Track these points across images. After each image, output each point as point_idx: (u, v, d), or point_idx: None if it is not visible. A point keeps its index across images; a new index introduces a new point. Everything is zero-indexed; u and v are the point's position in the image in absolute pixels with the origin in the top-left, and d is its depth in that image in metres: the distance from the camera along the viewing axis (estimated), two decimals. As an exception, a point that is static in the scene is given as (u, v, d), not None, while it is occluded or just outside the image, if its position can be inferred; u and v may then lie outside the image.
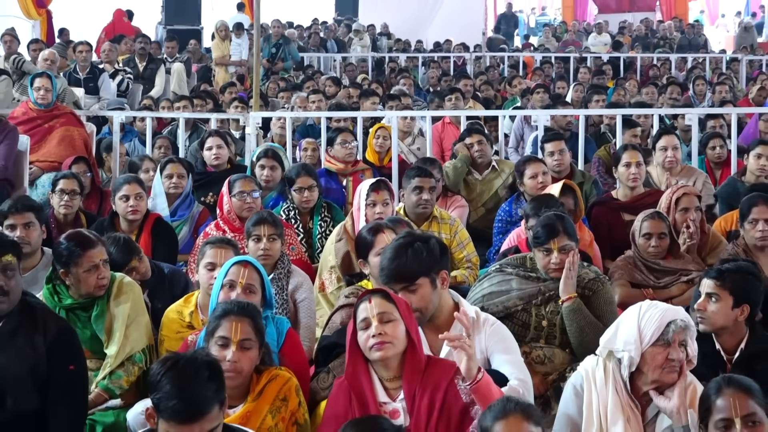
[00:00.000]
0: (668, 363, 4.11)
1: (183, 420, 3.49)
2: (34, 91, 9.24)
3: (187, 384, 3.52)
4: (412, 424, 4.20)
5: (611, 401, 4.18)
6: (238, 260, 5.09)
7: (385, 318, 4.22)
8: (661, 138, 8.36)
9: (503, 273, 5.52)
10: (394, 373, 4.29)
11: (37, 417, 4.55)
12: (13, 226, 6.06)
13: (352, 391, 4.29)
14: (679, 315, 4.21)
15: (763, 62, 19.80)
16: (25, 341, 4.57)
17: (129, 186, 6.95)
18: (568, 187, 6.80)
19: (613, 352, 4.24)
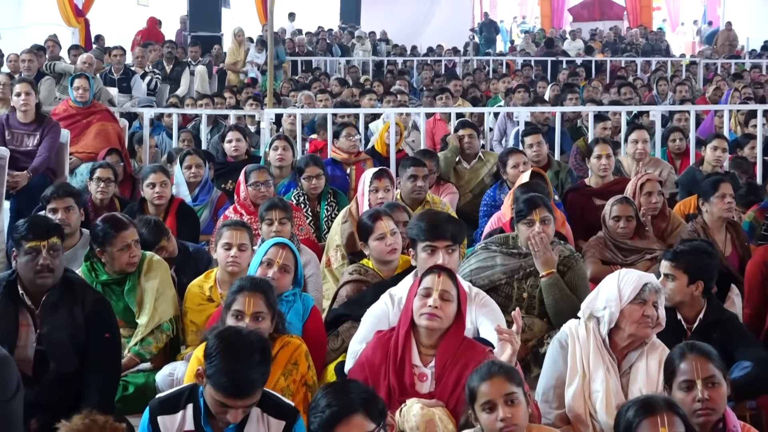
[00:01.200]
0: (643, 319, 4.15)
1: (230, 396, 3.51)
2: (73, 91, 9.22)
3: (239, 366, 3.52)
4: (437, 391, 4.19)
5: (592, 352, 4.23)
6: (276, 242, 5.09)
7: (445, 296, 4.20)
8: (633, 132, 8.44)
9: (488, 251, 5.53)
10: (432, 342, 4.26)
11: (77, 378, 4.56)
12: (55, 209, 6.07)
13: (393, 343, 4.28)
14: (653, 279, 4.28)
15: (718, 65, 19.76)
16: (66, 312, 4.59)
17: (155, 174, 6.96)
18: (537, 173, 6.80)
19: (594, 313, 4.27)
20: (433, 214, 5.32)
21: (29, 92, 8.19)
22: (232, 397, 3.51)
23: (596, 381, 4.19)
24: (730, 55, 22.36)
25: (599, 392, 4.16)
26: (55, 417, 4.33)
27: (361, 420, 3.01)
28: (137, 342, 5.27)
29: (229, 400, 3.51)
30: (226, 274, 5.34)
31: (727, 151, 8.40)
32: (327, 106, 11.70)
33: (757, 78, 17.16)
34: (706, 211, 6.41)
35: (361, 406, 3.03)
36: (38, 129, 8.15)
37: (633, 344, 4.24)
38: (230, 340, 3.60)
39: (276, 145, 8.18)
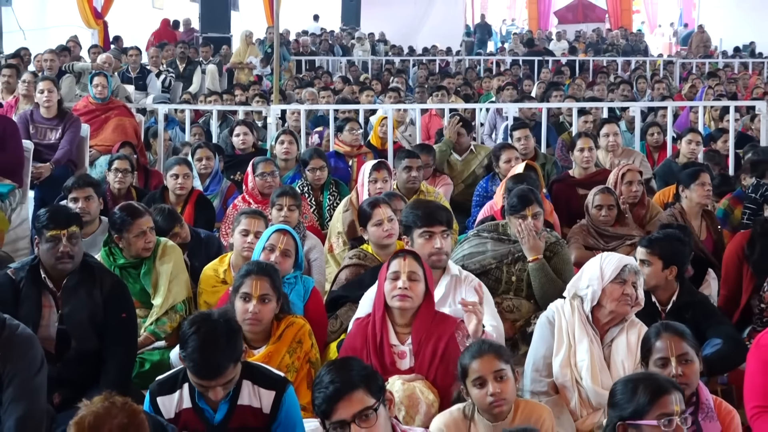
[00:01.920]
0: (623, 297, 4.19)
1: (202, 378, 3.52)
2: (93, 88, 9.24)
3: (207, 351, 3.51)
4: (416, 365, 4.21)
5: (577, 327, 4.26)
6: (278, 228, 5.09)
7: (413, 276, 4.21)
8: (604, 126, 8.46)
9: (480, 237, 5.53)
10: (406, 321, 4.28)
11: (96, 355, 4.58)
12: (76, 198, 6.08)
13: (369, 331, 4.29)
14: (633, 262, 4.32)
15: (693, 65, 19.75)
16: (85, 294, 4.60)
17: (179, 167, 6.99)
18: (530, 166, 6.80)
19: (578, 292, 4.30)
20: (427, 203, 5.35)
21: (51, 89, 8.19)
22: (204, 378, 3.52)
23: (581, 351, 4.21)
24: (704, 55, 22.36)
25: (584, 361, 4.19)
26: (76, 392, 4.39)
27: (362, 395, 3.01)
28: (152, 322, 5.29)
29: (203, 381, 3.53)
30: (241, 259, 5.35)
31: (701, 144, 8.44)
32: (329, 102, 11.70)
33: (730, 76, 17.16)
34: (685, 197, 6.42)
35: (362, 383, 3.04)
36: (60, 123, 8.16)
37: (613, 320, 4.26)
38: (198, 327, 3.58)
39: (282, 139, 8.20)
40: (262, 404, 3.67)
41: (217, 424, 3.64)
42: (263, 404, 3.67)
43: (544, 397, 4.19)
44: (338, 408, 3.00)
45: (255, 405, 3.67)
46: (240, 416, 3.66)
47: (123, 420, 2.77)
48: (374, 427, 3.00)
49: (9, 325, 3.98)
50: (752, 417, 4.05)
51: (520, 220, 5.28)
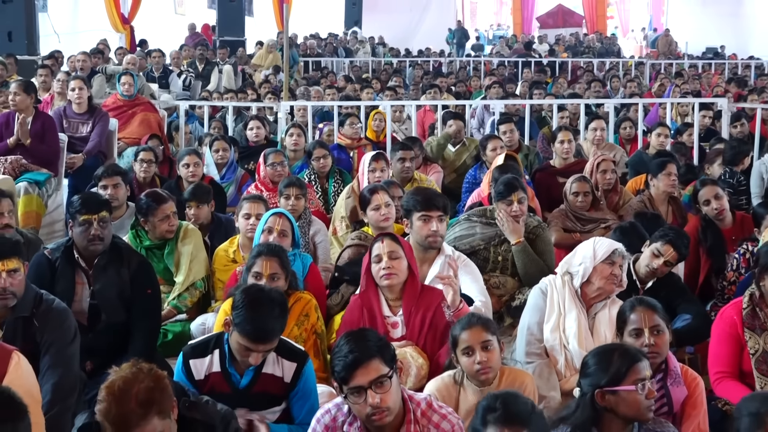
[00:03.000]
0: (611, 276, 4.19)
1: (253, 341, 3.50)
2: (120, 86, 9.25)
3: (262, 317, 3.52)
4: (407, 333, 4.23)
5: (567, 298, 4.26)
6: (275, 212, 5.09)
7: (393, 255, 4.23)
8: (593, 121, 8.57)
9: (470, 221, 5.53)
10: (396, 295, 4.30)
11: (124, 327, 4.58)
12: (105, 186, 6.07)
13: (364, 306, 4.31)
14: (622, 247, 4.30)
15: (662, 65, 19.71)
16: (114, 272, 4.60)
17: (189, 157, 6.99)
18: (511, 156, 6.81)
19: (570, 268, 4.30)
20: (426, 190, 5.34)
21: (82, 87, 8.17)
22: (255, 342, 3.50)
23: (570, 319, 4.21)
24: (672, 57, 22.33)
25: (572, 328, 4.18)
26: (106, 360, 4.40)
27: (377, 364, 3.00)
28: (175, 297, 5.31)
29: (252, 344, 3.51)
30: (246, 239, 5.37)
31: (669, 137, 8.46)
32: (334, 99, 11.67)
33: (695, 75, 17.14)
34: (653, 185, 6.46)
35: (377, 353, 3.03)
36: (90, 118, 8.14)
37: (599, 297, 4.25)
38: (255, 295, 3.60)
39: (291, 132, 8.23)
40: (284, 374, 3.67)
41: (242, 389, 3.65)
42: (285, 374, 3.67)
43: (537, 359, 4.20)
44: (356, 375, 2.99)
45: (277, 374, 3.67)
46: (263, 383, 3.66)
47: (149, 384, 2.77)
48: (388, 393, 2.99)
49: (45, 299, 4.01)
50: (715, 382, 4.08)
51: (507, 206, 5.29)
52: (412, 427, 3.08)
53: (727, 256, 5.51)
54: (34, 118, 7.31)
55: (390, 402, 3.01)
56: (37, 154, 7.19)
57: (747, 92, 13.74)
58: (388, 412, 3.01)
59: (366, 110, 9.83)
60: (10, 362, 3.38)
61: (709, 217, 5.80)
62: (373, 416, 3.00)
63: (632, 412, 3.06)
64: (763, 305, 4.11)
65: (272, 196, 6.55)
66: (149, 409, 2.74)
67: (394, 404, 3.03)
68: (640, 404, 3.04)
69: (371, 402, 2.98)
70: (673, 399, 3.56)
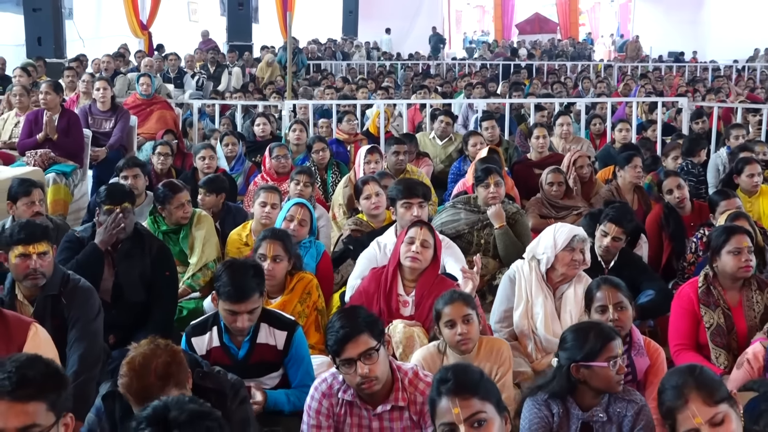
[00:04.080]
0: (572, 262, 4.19)
1: (234, 301, 3.51)
2: (139, 86, 9.25)
3: (237, 277, 3.53)
4: (417, 314, 4.22)
5: (534, 284, 4.26)
6: (296, 201, 5.11)
7: (425, 244, 4.24)
8: (560, 117, 8.49)
9: (455, 208, 5.55)
10: (413, 278, 4.29)
11: (144, 305, 4.60)
12: (126, 176, 6.08)
13: (383, 279, 4.31)
14: (581, 232, 4.30)
15: (628, 68, 19.69)
16: (136, 256, 4.62)
17: (204, 150, 7.01)
18: (493, 149, 6.82)
19: (536, 255, 4.30)
20: (407, 180, 5.36)
21: (106, 87, 8.17)
22: (236, 301, 3.51)
23: (537, 305, 4.22)
24: (637, 60, 22.30)
25: (539, 314, 4.19)
26: (127, 334, 4.41)
27: (366, 338, 3.00)
28: (189, 277, 5.29)
29: (234, 305, 3.51)
30: (260, 225, 5.33)
31: (630, 131, 8.51)
32: (332, 98, 11.64)
33: (658, 77, 17.14)
34: (621, 176, 6.48)
35: (366, 328, 3.03)
36: (113, 115, 8.13)
37: (564, 280, 4.26)
38: (232, 264, 3.66)
39: (294, 128, 8.22)
40: (277, 342, 3.67)
41: (240, 359, 3.64)
42: (278, 342, 3.67)
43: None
44: (347, 348, 2.99)
45: (271, 343, 3.66)
46: (259, 352, 3.66)
47: (166, 359, 2.77)
48: (376, 364, 3.00)
49: (72, 279, 4.01)
50: (674, 353, 4.09)
51: (485, 188, 5.34)
52: (400, 393, 3.09)
53: (686, 240, 5.53)
54: (61, 115, 7.31)
55: (378, 372, 3.01)
56: (63, 147, 7.18)
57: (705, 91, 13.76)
58: (376, 381, 3.02)
59: (361, 108, 9.82)
60: (29, 332, 3.38)
61: (671, 204, 5.82)
62: (363, 385, 3.01)
63: (603, 385, 3.07)
64: (716, 284, 4.12)
65: (277, 185, 6.53)
66: (167, 382, 2.74)
67: (381, 374, 3.03)
68: (611, 379, 3.04)
69: (360, 372, 2.98)
70: (637, 368, 3.57)
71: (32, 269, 3.83)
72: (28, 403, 2.21)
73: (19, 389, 2.21)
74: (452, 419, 2.34)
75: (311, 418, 3.15)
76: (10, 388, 2.21)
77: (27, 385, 2.22)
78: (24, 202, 5.01)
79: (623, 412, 3.08)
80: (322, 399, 3.15)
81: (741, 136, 8.15)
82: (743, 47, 22.36)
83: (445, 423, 2.36)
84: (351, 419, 3.14)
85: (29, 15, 12.52)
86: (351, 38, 24.62)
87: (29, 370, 2.25)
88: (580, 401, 3.12)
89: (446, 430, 2.36)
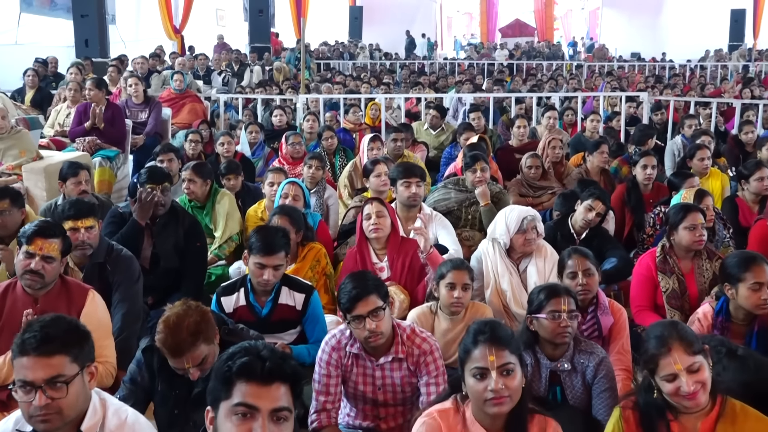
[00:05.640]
0: (526, 242, 4.17)
1: (263, 254, 3.55)
2: (173, 82, 9.25)
3: (267, 236, 3.61)
4: (392, 275, 4.23)
5: (499, 263, 4.21)
6: (289, 181, 5.12)
7: (380, 214, 4.24)
8: (548, 111, 8.45)
9: (446, 188, 5.52)
10: (382, 245, 4.30)
11: (178, 271, 4.60)
12: (162, 160, 6.10)
13: (358, 255, 4.31)
14: (530, 212, 4.25)
15: (596, 67, 19.56)
16: (171, 229, 4.63)
17: (224, 137, 7.03)
18: (482, 137, 6.78)
19: (497, 238, 4.27)
20: (406, 163, 5.35)
21: (137, 83, 8.15)
22: (265, 254, 3.54)
23: (504, 283, 4.18)
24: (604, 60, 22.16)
25: (507, 291, 4.15)
26: (164, 296, 4.42)
27: (374, 298, 3.00)
28: (216, 247, 5.30)
29: (263, 258, 3.54)
30: (270, 202, 5.37)
31: (600, 122, 8.45)
32: (340, 93, 11.60)
33: (622, 75, 17.03)
34: (590, 161, 6.46)
35: (374, 289, 3.02)
36: (147, 107, 8.10)
37: (524, 255, 4.24)
38: (262, 226, 3.78)
39: (307, 119, 8.17)
40: (296, 303, 3.68)
41: (263, 317, 3.65)
42: (296, 303, 3.68)
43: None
44: (357, 306, 2.98)
45: (290, 304, 3.68)
46: (280, 311, 3.67)
47: (197, 318, 2.78)
48: (382, 321, 3.00)
49: (116, 249, 4.02)
50: (635, 313, 4.10)
51: (473, 173, 5.30)
52: (399, 347, 3.09)
53: (646, 215, 5.52)
54: (106, 107, 7.27)
55: (383, 328, 3.01)
56: (108, 135, 7.17)
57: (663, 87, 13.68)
58: (381, 336, 3.02)
59: (365, 102, 9.79)
60: (87, 298, 3.39)
61: (634, 183, 5.79)
62: (370, 339, 3.01)
63: (548, 335, 3.06)
64: (672, 254, 4.12)
65: (292, 168, 6.57)
66: (197, 338, 2.75)
67: (386, 330, 3.03)
68: (554, 331, 3.04)
69: (369, 327, 2.98)
70: (602, 325, 3.57)
71: (80, 241, 3.83)
72: (53, 357, 2.20)
73: (43, 345, 2.20)
74: (486, 365, 2.33)
75: (322, 368, 3.15)
76: (35, 345, 2.20)
77: (50, 342, 2.21)
78: (72, 182, 5.00)
79: (586, 363, 3.08)
80: (331, 352, 3.15)
81: (693, 125, 8.13)
82: (696, 49, 22.24)
83: (478, 367, 2.35)
84: (357, 369, 3.14)
85: (78, 20, 12.48)
86: (356, 41, 24.47)
87: (52, 329, 2.24)
88: (546, 352, 3.12)
89: (477, 373, 2.35)
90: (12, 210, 4.30)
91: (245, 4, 20.11)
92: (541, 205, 5.96)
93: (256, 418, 1.83)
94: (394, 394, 3.14)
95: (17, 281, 3.37)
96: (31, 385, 2.18)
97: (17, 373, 2.21)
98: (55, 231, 3.38)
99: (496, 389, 2.29)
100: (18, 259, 3.32)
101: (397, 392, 3.13)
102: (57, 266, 3.34)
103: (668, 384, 2.39)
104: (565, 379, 3.10)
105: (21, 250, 3.31)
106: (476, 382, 2.34)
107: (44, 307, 3.25)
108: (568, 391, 3.11)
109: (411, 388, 3.11)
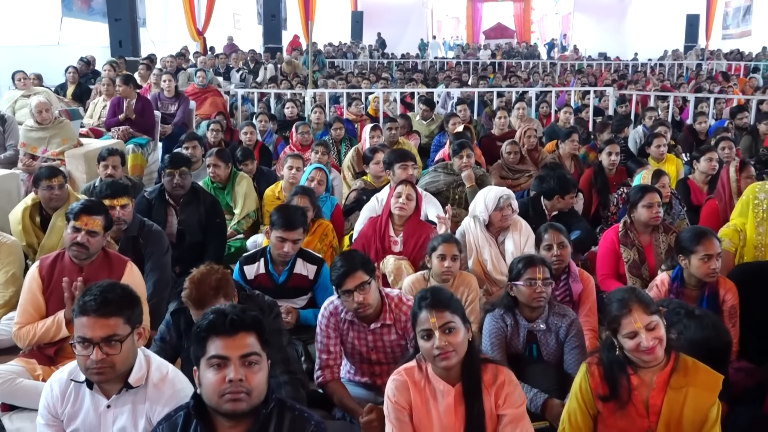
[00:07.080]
0: (503, 218, 4.16)
1: (284, 228, 3.55)
2: (197, 78, 9.20)
3: (288, 213, 3.62)
4: (404, 250, 4.20)
5: (480, 236, 4.20)
6: (315, 166, 5.11)
7: (409, 197, 4.22)
8: (518, 103, 8.44)
9: (436, 172, 5.50)
10: (401, 223, 4.27)
11: (201, 244, 4.60)
12: (187, 147, 6.06)
13: (378, 224, 4.29)
14: (505, 192, 4.22)
15: (568, 65, 19.43)
16: (194, 206, 4.61)
17: (247, 127, 7.01)
18: (467, 127, 6.76)
19: (478, 215, 4.24)
20: (401, 149, 5.36)
21: (171, 80, 8.10)
22: (286, 229, 3.54)
23: (484, 253, 4.17)
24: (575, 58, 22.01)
25: (488, 260, 4.15)
26: (189, 266, 4.34)
27: (361, 274, 2.98)
28: (236, 223, 5.29)
29: (284, 232, 3.54)
30: (288, 184, 5.34)
31: (572, 114, 8.38)
32: (343, 88, 11.51)
33: (591, 72, 16.93)
34: (562, 148, 6.44)
35: (361, 266, 3.00)
36: (176, 100, 8.04)
37: (502, 229, 4.22)
38: (284, 205, 3.79)
39: (315, 111, 8.12)
40: (309, 273, 3.68)
41: (280, 284, 3.66)
42: (309, 273, 3.68)
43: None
44: (346, 282, 2.97)
45: (304, 273, 3.68)
46: (295, 280, 3.67)
47: (218, 276, 2.79)
48: (368, 294, 2.98)
49: (147, 224, 4.01)
50: (601, 280, 4.09)
51: (460, 159, 5.27)
52: (388, 314, 3.08)
53: (610, 196, 5.51)
54: (137, 100, 7.22)
55: (370, 300, 2.99)
56: (139, 125, 7.12)
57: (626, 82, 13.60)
58: (369, 307, 3.00)
59: (366, 95, 9.73)
60: (126, 268, 3.38)
61: (600, 167, 5.78)
62: (359, 309, 3.00)
63: (525, 300, 3.08)
64: (633, 229, 4.12)
65: (301, 153, 6.49)
66: (218, 292, 2.75)
67: (373, 301, 3.02)
68: (530, 296, 3.05)
69: (357, 300, 2.96)
70: (573, 291, 3.57)
71: (116, 217, 3.82)
72: (110, 318, 2.22)
73: (102, 307, 2.21)
74: (430, 326, 2.33)
75: (322, 330, 3.15)
76: (95, 307, 2.21)
77: (108, 304, 2.22)
78: (101, 165, 5.00)
79: (559, 324, 3.10)
80: (329, 317, 3.14)
81: (653, 117, 8.12)
82: (656, 48, 22.15)
83: (424, 329, 2.35)
84: (352, 333, 3.14)
85: (112, 23, 12.42)
86: (357, 42, 24.28)
87: (109, 293, 2.25)
88: (524, 315, 3.13)
89: (424, 335, 2.35)
90: (65, 185, 4.31)
91: (259, 9, 19.92)
92: (519, 186, 5.95)
93: (228, 365, 1.90)
94: (385, 354, 3.14)
95: (65, 252, 3.37)
96: (89, 342, 2.20)
97: (77, 330, 2.22)
98: (98, 209, 3.37)
99: (440, 346, 2.29)
100: (66, 233, 3.33)
101: (388, 353, 3.13)
102: (100, 239, 3.33)
103: (629, 341, 2.39)
104: (540, 338, 3.11)
105: (69, 225, 3.31)
106: (424, 342, 2.34)
107: (88, 275, 3.24)
108: (543, 348, 3.12)
109: (401, 349, 3.11)
